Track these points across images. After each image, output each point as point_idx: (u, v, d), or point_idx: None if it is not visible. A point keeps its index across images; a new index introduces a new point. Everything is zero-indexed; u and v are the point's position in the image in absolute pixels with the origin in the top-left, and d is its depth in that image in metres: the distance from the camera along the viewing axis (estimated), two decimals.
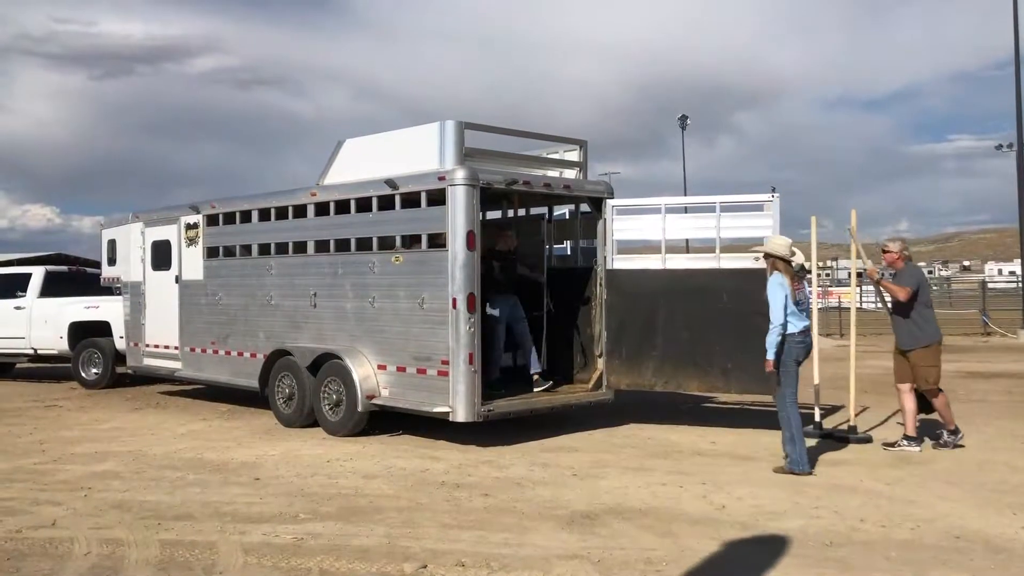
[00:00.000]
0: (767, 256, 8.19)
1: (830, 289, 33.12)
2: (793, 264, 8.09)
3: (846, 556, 5.59)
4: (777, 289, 7.92)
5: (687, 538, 6.04)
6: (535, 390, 10.23)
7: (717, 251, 9.96)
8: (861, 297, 22.77)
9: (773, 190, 9.71)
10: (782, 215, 9.50)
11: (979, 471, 8.00)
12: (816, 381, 9.96)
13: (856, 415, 9.78)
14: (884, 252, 9.31)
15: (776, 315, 7.86)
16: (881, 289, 9.41)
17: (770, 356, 7.84)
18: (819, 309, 11.54)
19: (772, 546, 5.79)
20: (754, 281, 9.60)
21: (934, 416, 9.12)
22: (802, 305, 8.03)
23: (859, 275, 10.01)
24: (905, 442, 8.94)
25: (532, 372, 10.51)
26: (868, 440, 9.36)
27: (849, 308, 10.99)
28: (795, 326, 7.90)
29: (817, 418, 9.84)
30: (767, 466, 8.27)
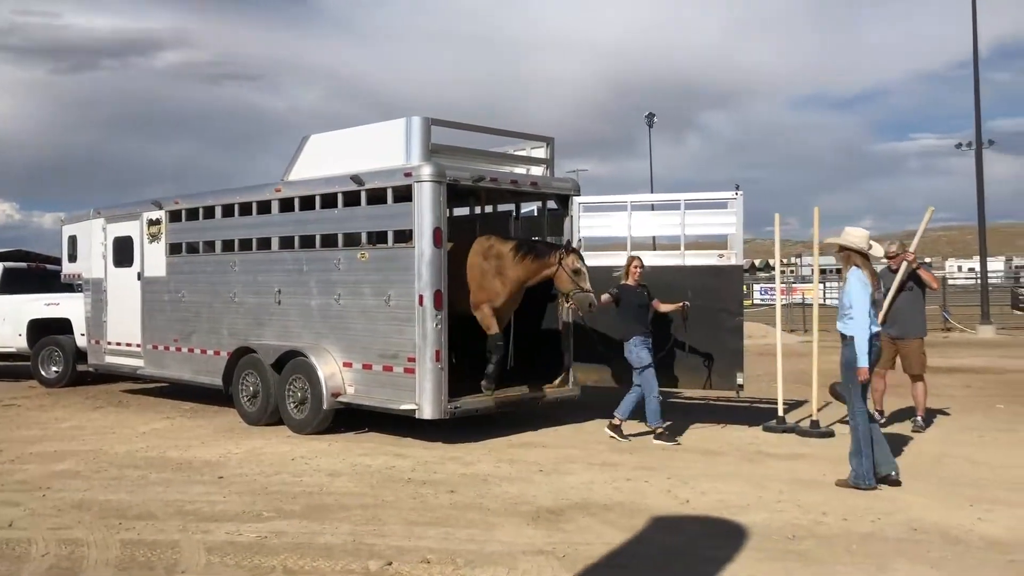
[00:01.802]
0: (842, 249, 7.37)
1: (794, 285, 33.48)
2: (871, 258, 7.35)
3: (808, 549, 5.65)
4: (859, 287, 7.12)
5: (652, 532, 6.08)
6: (655, 440, 9.15)
7: (682, 248, 10.03)
8: (825, 294, 23.06)
9: (737, 188, 9.79)
10: (750, 213, 9.62)
11: (938, 464, 8.12)
12: (779, 376, 10.08)
13: (819, 410, 9.91)
14: (891, 258, 9.64)
15: (860, 316, 7.05)
16: (920, 276, 9.53)
17: (863, 363, 7.05)
18: (783, 305, 11.68)
19: (735, 540, 5.84)
20: (718, 278, 9.74)
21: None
22: (876, 305, 7.19)
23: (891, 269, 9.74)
24: (878, 415, 9.66)
25: (651, 424, 9.29)
26: (831, 434, 9.48)
27: (812, 304, 11.12)
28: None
29: (780, 413, 9.97)
30: (732, 460, 8.35)
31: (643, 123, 52.86)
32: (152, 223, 12.61)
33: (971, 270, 62.26)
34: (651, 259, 10.43)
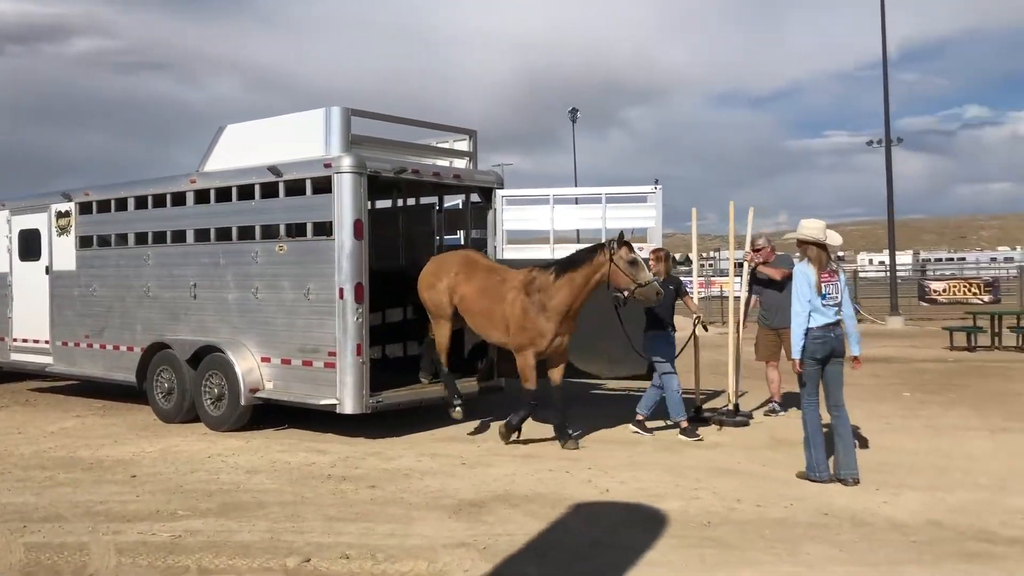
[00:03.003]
0: (799, 243, 7.31)
1: (712, 279, 34.16)
2: (829, 248, 7.25)
3: (724, 535, 5.78)
4: (799, 281, 7.14)
5: (572, 522, 6.14)
6: (682, 437, 8.94)
7: (603, 241, 10.11)
8: (742, 287, 23.62)
9: (656, 182, 9.96)
10: (672, 208, 9.80)
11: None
12: (697, 367, 10.28)
13: (736, 399, 10.15)
14: (756, 250, 10.38)
15: (795, 309, 7.11)
16: (757, 274, 10.24)
17: (795, 355, 7.15)
18: (701, 298, 11.92)
19: (654, 528, 5.94)
20: None
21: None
22: (829, 298, 7.06)
23: (739, 265, 10.56)
24: (776, 406, 10.32)
25: (638, 410, 9.32)
26: (746, 423, 9.72)
27: (729, 297, 11.38)
28: (813, 320, 7.04)
29: (698, 403, 10.17)
30: (651, 450, 8.48)
31: (567, 118, 53.39)
32: (61, 215, 12.17)
33: (881, 263, 64.52)
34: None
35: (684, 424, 9.03)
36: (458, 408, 9.33)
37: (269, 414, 9.78)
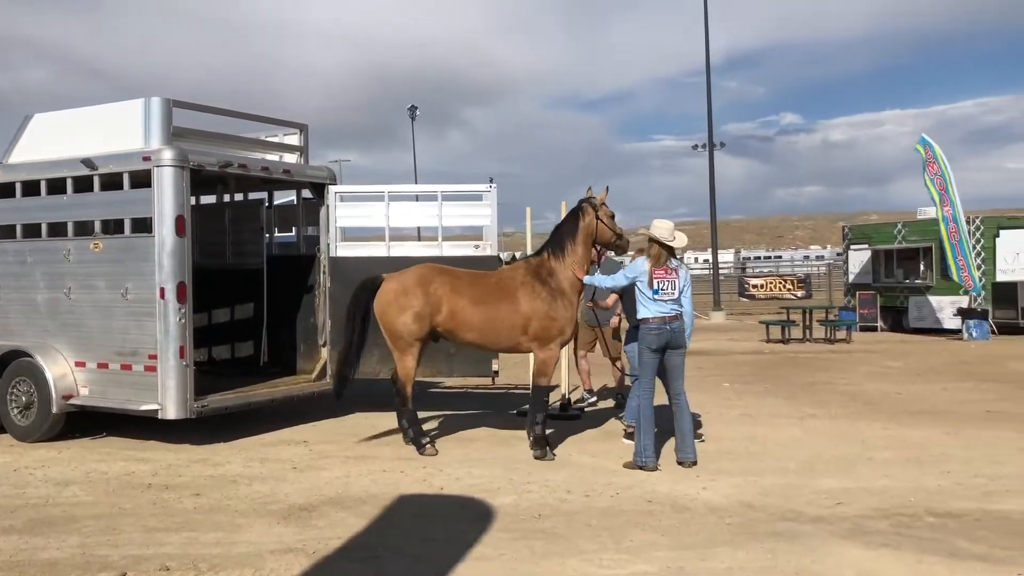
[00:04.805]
0: (649, 240, 7.69)
1: None
2: (675, 247, 7.65)
3: (553, 526, 5.92)
4: (627, 269, 7.93)
5: (405, 522, 6.12)
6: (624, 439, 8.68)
7: (439, 239, 10.15)
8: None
9: (491, 181, 10.07)
10: (513, 206, 9.91)
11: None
12: (532, 363, 10.46)
13: (570, 393, 10.44)
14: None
15: (599, 279, 8.07)
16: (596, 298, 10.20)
17: (586, 280, 8.15)
18: None
19: (485, 523, 6.00)
20: (474, 268, 9.92)
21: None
22: (663, 292, 7.47)
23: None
24: (587, 394, 10.87)
25: (625, 420, 8.92)
26: (578, 416, 10.00)
27: None
28: (649, 311, 7.50)
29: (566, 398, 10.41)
30: (485, 447, 8.56)
31: (406, 115, 53.15)
32: None
33: (705, 261, 67.90)
34: (413, 249, 10.51)
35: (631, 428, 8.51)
36: (428, 446, 8.33)
37: (87, 421, 9.18)
